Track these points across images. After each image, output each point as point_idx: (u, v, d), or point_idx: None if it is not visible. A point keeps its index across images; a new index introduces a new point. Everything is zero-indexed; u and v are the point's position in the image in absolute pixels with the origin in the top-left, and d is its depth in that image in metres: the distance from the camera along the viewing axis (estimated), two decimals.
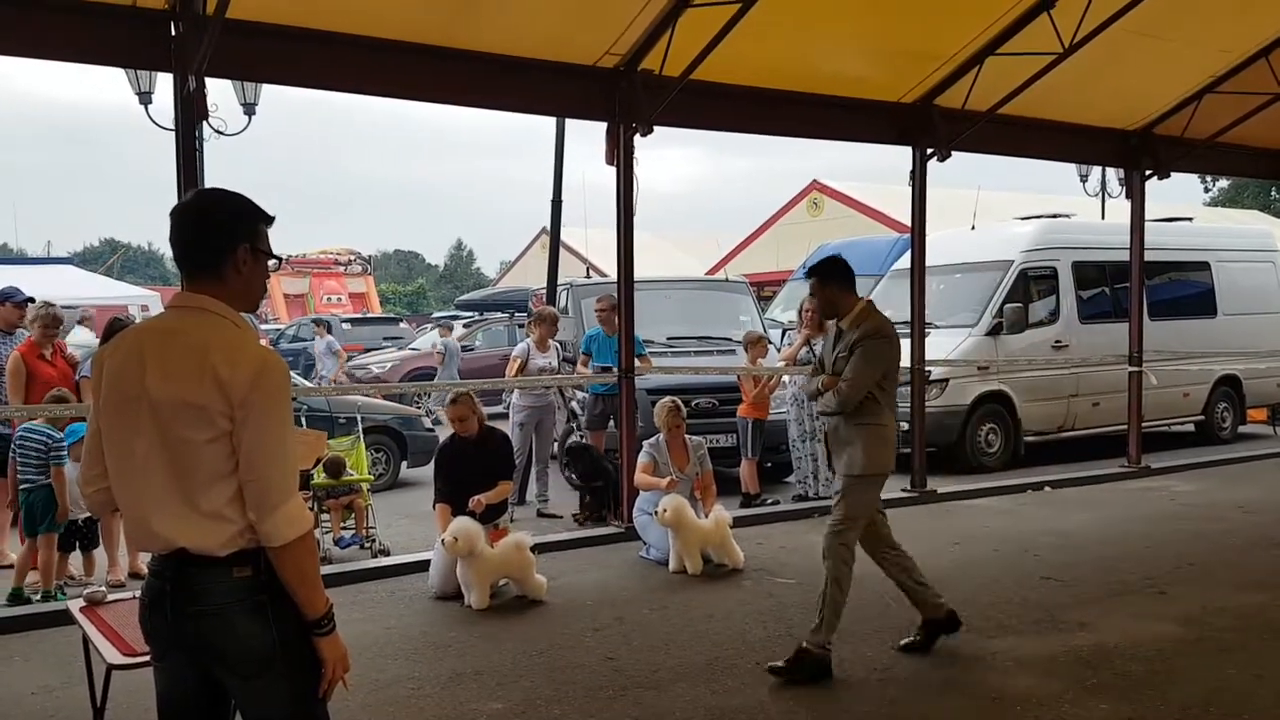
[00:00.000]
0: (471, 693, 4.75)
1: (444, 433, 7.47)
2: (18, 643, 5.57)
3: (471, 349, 18.19)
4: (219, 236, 2.46)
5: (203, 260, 2.45)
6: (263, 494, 2.32)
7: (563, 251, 14.19)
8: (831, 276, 5.23)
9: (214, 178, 6.66)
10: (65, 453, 6.27)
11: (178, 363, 2.35)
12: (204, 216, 2.50)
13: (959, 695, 4.61)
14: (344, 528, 7.57)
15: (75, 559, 6.66)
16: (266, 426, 2.33)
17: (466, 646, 5.47)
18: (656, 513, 6.84)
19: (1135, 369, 11.03)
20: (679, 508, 6.79)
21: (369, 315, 26.66)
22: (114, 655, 3.30)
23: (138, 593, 4.35)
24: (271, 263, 2.54)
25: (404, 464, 10.51)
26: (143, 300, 16.91)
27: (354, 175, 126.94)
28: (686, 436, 7.52)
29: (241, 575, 2.35)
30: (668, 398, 7.64)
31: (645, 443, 7.56)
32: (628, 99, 7.68)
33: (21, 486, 6.35)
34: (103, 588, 4.13)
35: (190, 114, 6.36)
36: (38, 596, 6.24)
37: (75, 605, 3.90)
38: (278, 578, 2.37)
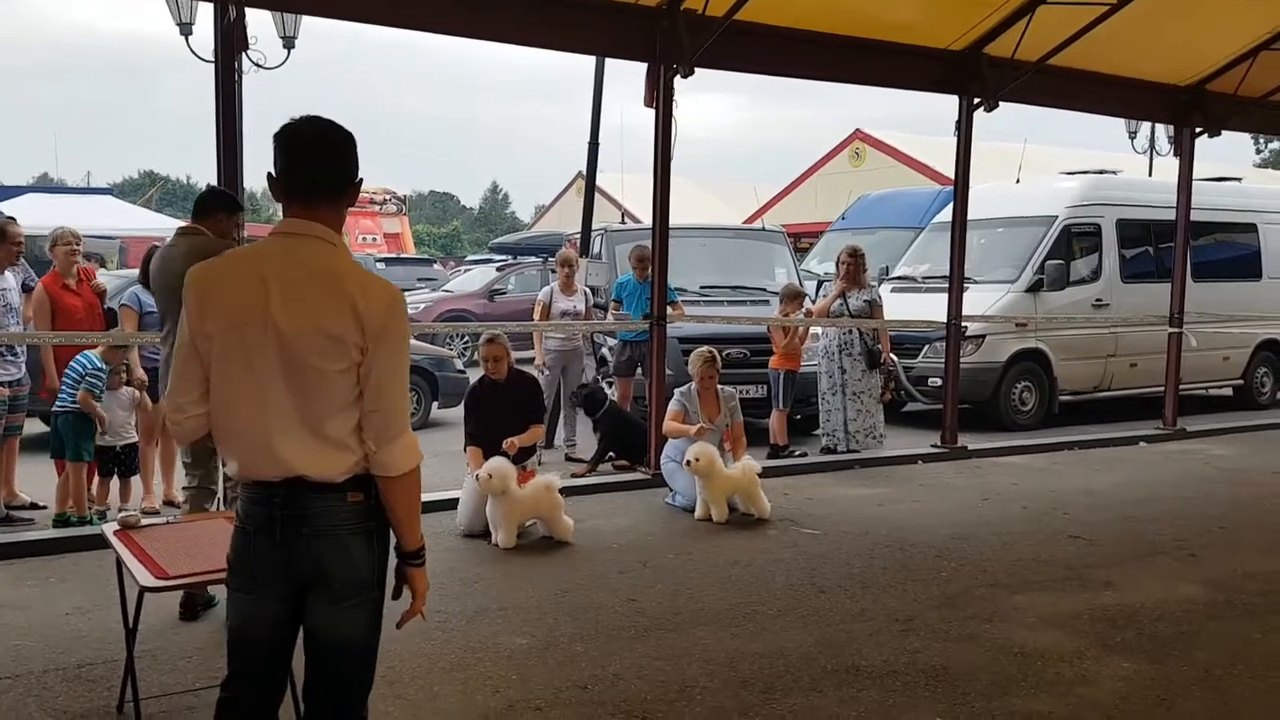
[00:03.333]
0: (496, 627, 4.81)
1: (476, 374, 7.49)
2: (55, 564, 5.70)
3: (504, 293, 18.20)
4: (350, 165, 2.48)
5: (329, 187, 2.44)
6: (385, 424, 2.37)
7: (598, 197, 14.08)
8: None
9: (251, 112, 6.61)
10: (101, 381, 6.33)
11: (310, 291, 2.33)
12: (344, 143, 2.47)
13: (980, 648, 4.61)
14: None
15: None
16: (395, 359, 2.38)
17: (492, 583, 5.54)
18: (686, 461, 6.84)
19: (1175, 330, 10.86)
20: (709, 456, 6.79)
21: (403, 256, 26.72)
22: (146, 578, 3.35)
23: (171, 519, 4.45)
24: None
25: (435, 404, 10.59)
26: None
27: (390, 114, 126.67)
28: (719, 387, 7.50)
29: (355, 501, 2.40)
30: (704, 347, 7.60)
31: (677, 390, 7.54)
32: (669, 39, 7.56)
33: (54, 408, 6.42)
34: (137, 512, 4.19)
35: (230, 45, 6.35)
36: (75, 520, 6.36)
37: (109, 529, 3.96)
38: (382, 507, 2.42)
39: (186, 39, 9.85)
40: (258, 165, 3.49)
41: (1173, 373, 10.92)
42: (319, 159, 2.44)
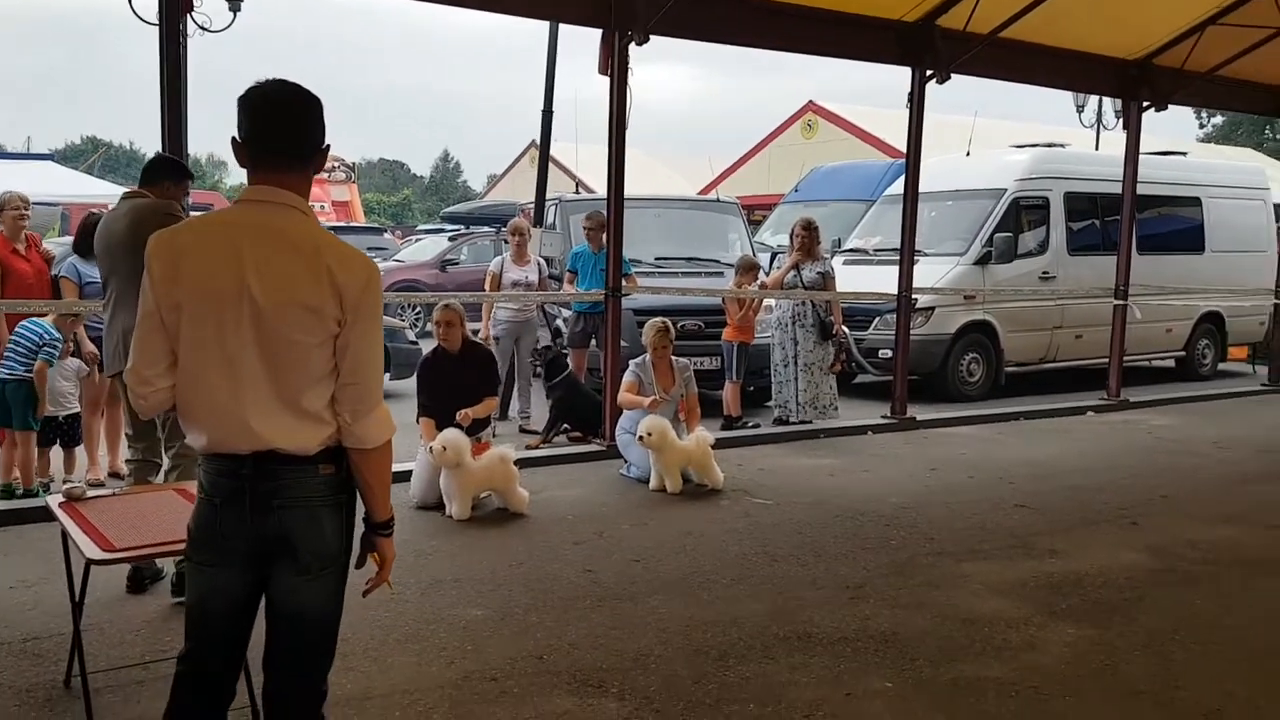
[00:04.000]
0: (450, 599, 4.80)
1: (429, 345, 7.43)
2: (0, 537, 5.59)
3: (456, 263, 18.03)
4: (319, 130, 2.43)
5: (299, 153, 2.39)
6: (362, 398, 2.35)
7: (552, 167, 13.97)
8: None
9: (196, 77, 6.46)
10: (57, 351, 6.19)
11: (288, 263, 2.29)
12: (313, 108, 2.42)
13: (928, 615, 4.68)
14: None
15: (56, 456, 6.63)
16: (371, 332, 2.35)
17: (446, 555, 5.52)
18: (639, 436, 6.84)
19: (1120, 303, 11.05)
20: (661, 430, 6.79)
21: (353, 225, 26.32)
22: (92, 550, 3.29)
23: (117, 490, 4.37)
24: None
25: (387, 375, 10.47)
26: None
27: (338, 80, 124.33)
28: (673, 358, 7.51)
29: (327, 473, 2.38)
30: (658, 318, 7.60)
31: (631, 362, 7.54)
32: (624, 6, 7.50)
33: (2, 375, 6.27)
34: (82, 484, 4.12)
35: (174, 7, 6.19)
36: (19, 492, 6.23)
37: (54, 501, 3.88)
38: (352, 479, 2.42)
39: (130, 1, 9.56)
40: (202, 130, 3.42)
41: (1117, 344, 11.13)
42: (288, 124, 2.39)
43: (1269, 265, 13.21)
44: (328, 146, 2.47)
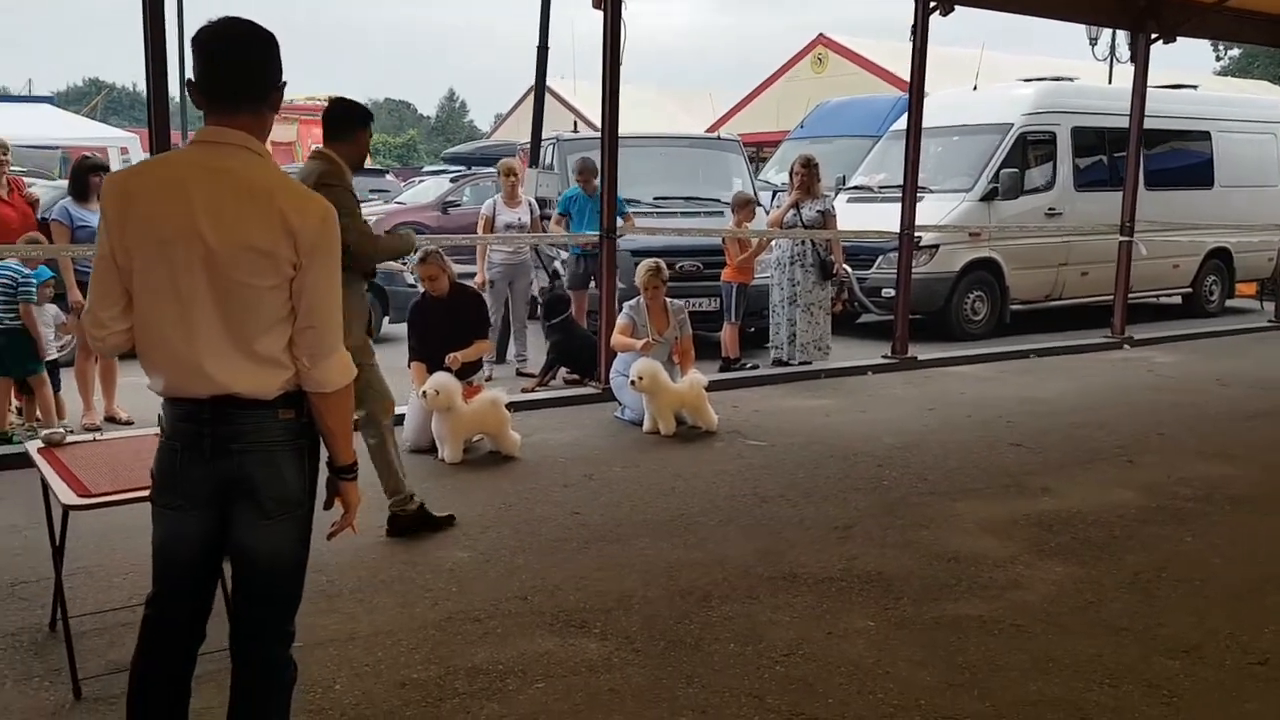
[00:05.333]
0: (437, 541, 4.82)
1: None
2: None
3: (458, 205, 17.89)
4: (271, 67, 2.37)
5: (251, 93, 2.33)
6: (319, 341, 2.33)
7: (554, 104, 13.80)
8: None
9: (193, 17, 6.37)
10: (33, 290, 6.18)
11: (240, 206, 2.24)
12: (264, 44, 2.35)
13: (916, 554, 4.68)
14: None
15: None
16: (327, 274, 2.32)
17: (437, 499, 5.50)
18: (631, 380, 6.81)
19: (1126, 239, 10.92)
20: (653, 374, 6.75)
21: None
22: (69, 496, 3.29)
23: (98, 436, 4.37)
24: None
25: (385, 319, 10.45)
26: (123, 142, 16.47)
27: (341, 19, 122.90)
28: (667, 299, 7.45)
29: (286, 418, 2.36)
30: (650, 259, 7.53)
31: (625, 304, 7.49)
32: None
33: None
34: (62, 430, 4.12)
35: None
36: (16, 438, 6.26)
37: (33, 447, 3.88)
38: (314, 424, 2.40)
39: None
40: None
41: (1123, 281, 11.02)
42: (238, 62, 2.33)
43: (1279, 200, 13.02)
44: (283, 84, 2.41)
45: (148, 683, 2.54)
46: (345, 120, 4.61)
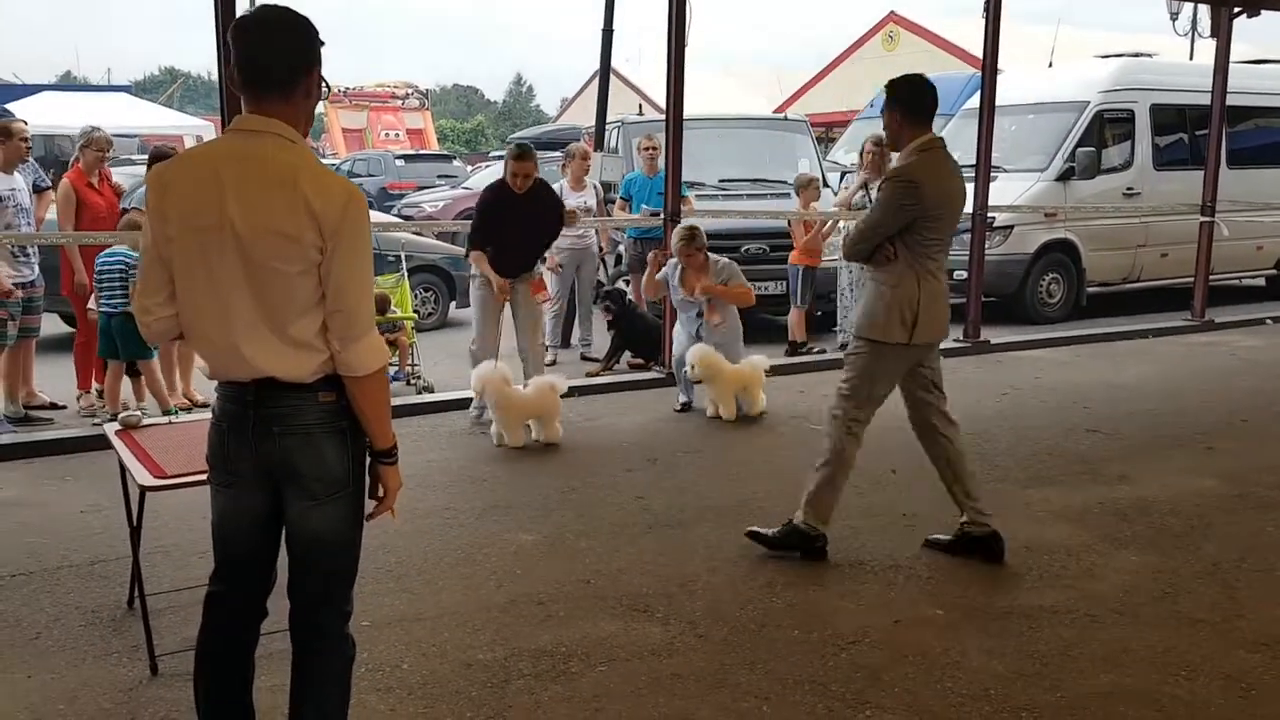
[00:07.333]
0: (503, 524, 4.85)
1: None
2: (73, 464, 5.80)
3: None
4: (301, 55, 2.38)
5: (280, 80, 2.35)
6: (349, 324, 2.34)
7: (619, 87, 13.77)
8: (898, 99, 4.34)
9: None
10: None
11: (265, 192, 2.28)
12: (290, 32, 2.37)
13: None
14: (389, 364, 7.64)
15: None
16: (354, 258, 2.33)
17: (501, 481, 5.58)
18: (685, 371, 6.74)
19: (1207, 219, 10.57)
20: (709, 360, 6.66)
21: (421, 152, 26.31)
22: (145, 477, 3.37)
23: (174, 419, 4.48)
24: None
25: (453, 304, 10.56)
26: (198, 130, 16.88)
27: (409, 4, 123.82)
28: (710, 256, 7.12)
29: (326, 401, 2.39)
30: (684, 223, 7.32)
31: (669, 259, 7.34)
32: None
33: (102, 310, 6.40)
34: (139, 412, 4.22)
35: None
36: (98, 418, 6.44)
37: (111, 429, 3.99)
38: (352, 407, 2.42)
39: None
40: None
41: (1203, 263, 10.68)
42: (267, 48, 2.35)
43: None
44: (317, 70, 2.41)
45: (212, 658, 2.61)
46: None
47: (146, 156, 10.45)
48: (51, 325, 7.49)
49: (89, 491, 5.26)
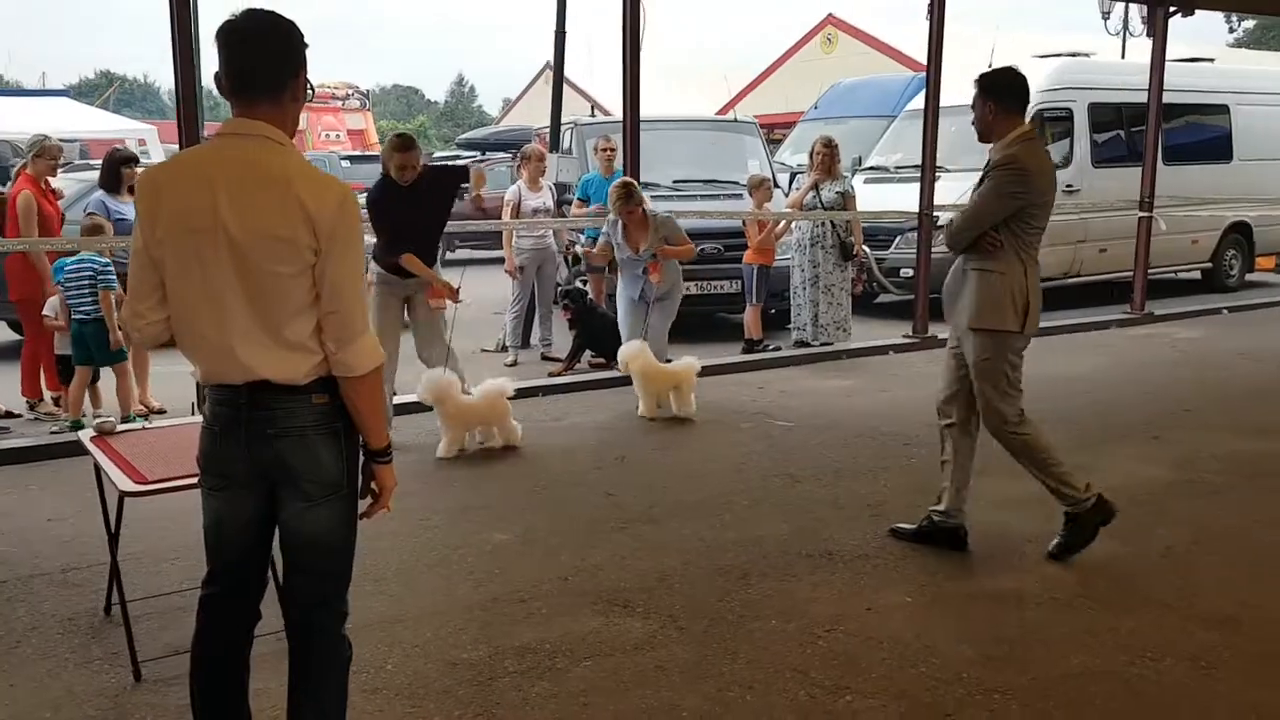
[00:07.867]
0: (477, 524, 4.89)
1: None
2: (36, 472, 5.72)
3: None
4: (288, 59, 2.40)
5: (269, 84, 2.37)
6: (344, 325, 2.35)
7: (568, 89, 13.79)
8: (992, 91, 4.36)
9: (206, 7, 6.40)
10: (113, 277, 6.24)
11: (259, 195, 2.29)
12: (282, 36, 2.39)
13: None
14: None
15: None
16: (349, 259, 2.35)
17: (472, 483, 5.60)
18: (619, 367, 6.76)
19: (1145, 214, 10.89)
20: (640, 362, 6.69)
21: (368, 153, 26.09)
22: (125, 483, 3.36)
23: (147, 425, 4.44)
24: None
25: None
26: (139, 134, 16.56)
27: (350, 6, 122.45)
28: (647, 210, 7.14)
29: (320, 402, 2.41)
30: (618, 180, 7.36)
31: (605, 223, 7.39)
32: None
33: (75, 317, 6.31)
34: (113, 419, 4.19)
35: None
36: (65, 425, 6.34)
37: (85, 435, 3.95)
38: (347, 408, 2.43)
39: None
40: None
41: (1142, 257, 11.00)
42: (254, 53, 2.37)
43: None
44: (302, 74, 2.43)
45: (207, 661, 2.62)
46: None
47: (88, 162, 10.32)
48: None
49: (54, 499, 5.19)
